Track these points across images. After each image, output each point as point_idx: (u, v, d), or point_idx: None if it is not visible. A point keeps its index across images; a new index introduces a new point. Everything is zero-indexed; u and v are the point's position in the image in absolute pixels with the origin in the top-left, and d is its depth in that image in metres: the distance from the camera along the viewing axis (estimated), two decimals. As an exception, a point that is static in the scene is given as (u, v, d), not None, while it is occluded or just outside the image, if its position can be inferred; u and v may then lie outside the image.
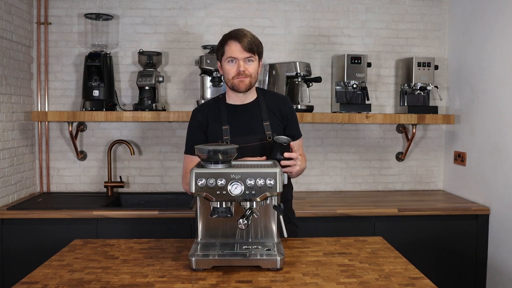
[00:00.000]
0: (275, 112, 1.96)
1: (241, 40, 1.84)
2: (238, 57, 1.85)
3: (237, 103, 1.96)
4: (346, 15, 3.16)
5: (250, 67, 1.87)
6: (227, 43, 1.86)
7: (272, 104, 1.98)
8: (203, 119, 1.96)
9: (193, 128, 1.98)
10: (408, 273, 1.54)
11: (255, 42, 1.88)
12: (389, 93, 3.22)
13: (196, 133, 1.96)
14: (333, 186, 3.24)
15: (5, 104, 2.65)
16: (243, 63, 1.85)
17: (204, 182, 1.49)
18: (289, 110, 2.01)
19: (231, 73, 1.87)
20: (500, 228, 2.62)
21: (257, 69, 1.91)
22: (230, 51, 1.85)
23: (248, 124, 1.93)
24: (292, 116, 2.01)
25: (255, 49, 1.87)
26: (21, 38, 2.84)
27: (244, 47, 1.84)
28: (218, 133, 1.91)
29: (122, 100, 3.09)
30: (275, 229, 1.68)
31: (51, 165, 3.08)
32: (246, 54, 1.85)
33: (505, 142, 2.57)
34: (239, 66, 1.85)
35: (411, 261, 1.69)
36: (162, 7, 3.07)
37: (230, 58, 1.86)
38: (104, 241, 1.89)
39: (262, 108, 1.95)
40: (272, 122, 1.94)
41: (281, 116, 1.97)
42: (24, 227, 2.54)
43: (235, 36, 1.85)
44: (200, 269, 1.54)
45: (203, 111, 1.99)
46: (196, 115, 1.98)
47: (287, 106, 2.00)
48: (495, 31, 2.66)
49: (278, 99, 2.03)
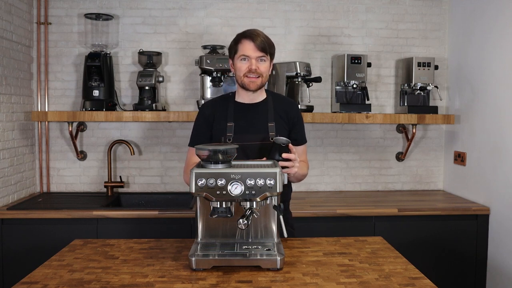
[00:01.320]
0: (282, 115, 1.99)
1: (255, 39, 1.88)
2: (251, 55, 1.88)
3: (246, 102, 1.99)
4: (346, 15, 3.16)
5: (261, 66, 1.90)
6: (241, 42, 1.90)
7: (280, 107, 2.00)
8: (210, 115, 1.98)
9: (199, 123, 2.01)
10: (408, 273, 1.54)
11: (268, 43, 1.92)
12: (389, 93, 3.22)
13: (201, 128, 2.00)
14: (333, 186, 3.24)
15: (5, 104, 2.65)
16: (255, 62, 1.89)
17: (204, 182, 1.49)
18: (296, 114, 2.04)
19: (242, 70, 1.90)
20: (500, 228, 2.62)
21: (268, 69, 1.95)
22: (244, 49, 1.89)
23: (253, 123, 1.95)
24: (298, 120, 2.04)
25: (267, 49, 1.90)
26: (21, 38, 2.84)
27: (257, 46, 1.87)
28: (223, 130, 1.94)
29: (122, 100, 3.09)
30: (275, 229, 1.68)
31: (51, 165, 3.08)
32: (259, 53, 1.88)
33: (505, 142, 2.57)
34: (251, 64, 1.88)
35: (411, 261, 1.69)
36: (162, 7, 3.07)
37: (243, 56, 1.89)
38: (104, 241, 1.89)
39: (269, 109, 1.98)
40: (278, 123, 1.96)
41: (287, 119, 2.00)
42: (24, 227, 2.54)
43: (249, 35, 1.89)
44: (200, 269, 1.54)
45: (211, 107, 2.02)
46: (203, 111, 2.02)
47: (294, 110, 2.03)
48: (495, 31, 2.66)
49: (287, 102, 2.06)
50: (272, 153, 1.77)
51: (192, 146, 2.00)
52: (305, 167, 2.03)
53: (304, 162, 2.04)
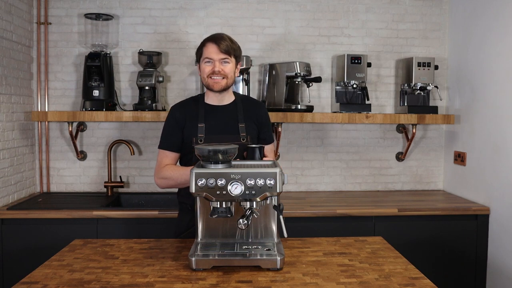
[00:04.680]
0: (251, 116, 2.06)
1: (218, 42, 1.96)
2: (214, 58, 1.97)
3: (215, 104, 2.05)
4: (346, 15, 3.16)
5: (225, 68, 1.98)
6: (205, 45, 2.00)
7: (248, 108, 2.08)
8: (181, 117, 2.03)
9: (170, 124, 2.05)
10: (408, 273, 1.54)
11: (232, 46, 2.00)
12: (389, 93, 3.22)
13: (172, 130, 2.04)
14: (333, 186, 3.23)
15: (5, 104, 2.65)
16: (219, 64, 1.96)
17: (204, 182, 1.49)
18: (264, 115, 2.13)
19: (206, 71, 1.98)
20: (500, 228, 2.62)
21: (233, 71, 2.02)
22: (207, 52, 1.98)
23: (224, 124, 2.01)
24: (266, 120, 2.13)
25: (231, 52, 1.98)
26: (21, 38, 2.84)
27: (221, 49, 1.95)
28: (194, 131, 1.99)
29: (122, 100, 3.09)
30: (275, 229, 1.68)
31: (51, 165, 3.08)
32: (222, 55, 1.96)
33: (505, 142, 2.57)
34: (214, 66, 1.96)
35: (411, 261, 1.69)
36: (162, 7, 3.07)
37: (207, 59, 1.98)
38: (104, 241, 1.89)
39: (239, 111, 2.05)
40: (248, 124, 2.03)
41: (256, 120, 2.07)
42: (24, 227, 2.54)
43: (213, 39, 1.99)
44: (200, 269, 1.54)
45: (181, 108, 2.07)
46: (174, 112, 2.07)
47: (262, 111, 2.12)
48: (495, 31, 2.66)
49: (255, 104, 2.15)
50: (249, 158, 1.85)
51: (163, 148, 2.05)
52: None
53: None
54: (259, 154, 1.84)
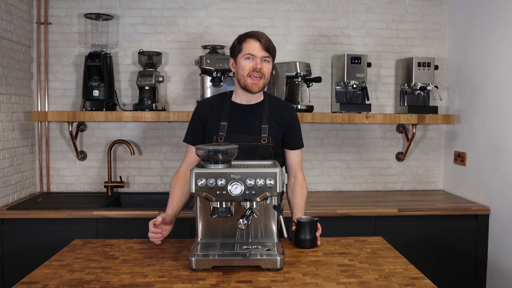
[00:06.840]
0: (277, 118, 1.98)
1: (261, 39, 1.89)
2: (257, 54, 1.88)
3: (243, 103, 1.99)
4: (346, 15, 3.16)
5: (265, 67, 1.90)
6: (246, 41, 1.90)
7: (275, 109, 1.99)
8: (205, 113, 1.99)
9: (194, 119, 2.02)
10: (408, 273, 1.54)
11: (271, 44, 1.93)
12: (389, 93, 3.22)
13: (195, 125, 2.01)
14: (333, 186, 3.23)
15: (5, 104, 2.65)
16: (260, 61, 1.89)
17: (204, 182, 1.49)
18: (292, 118, 2.02)
19: (246, 69, 1.89)
20: (500, 228, 2.62)
21: (270, 71, 1.94)
22: (249, 48, 1.88)
23: (246, 124, 1.95)
24: (294, 124, 2.03)
25: (271, 50, 1.92)
26: (21, 38, 2.84)
27: (263, 46, 1.88)
28: (216, 128, 1.94)
29: (122, 100, 3.09)
30: (275, 229, 1.68)
31: (51, 165, 3.08)
32: (264, 53, 1.89)
33: (505, 142, 2.57)
34: (256, 63, 1.88)
35: (411, 261, 1.69)
36: (162, 7, 3.07)
37: (248, 55, 1.89)
38: (104, 241, 1.89)
39: (264, 111, 1.97)
40: (271, 126, 1.95)
41: (282, 122, 1.99)
42: (24, 227, 2.54)
43: (255, 35, 1.91)
44: (200, 269, 1.54)
45: (206, 104, 2.03)
46: (199, 108, 2.03)
47: (290, 114, 2.02)
48: (495, 31, 2.66)
49: (283, 105, 2.05)
50: (302, 232, 1.79)
51: (186, 142, 2.04)
52: (304, 190, 2.06)
53: (303, 185, 2.06)
54: (308, 230, 1.77)
